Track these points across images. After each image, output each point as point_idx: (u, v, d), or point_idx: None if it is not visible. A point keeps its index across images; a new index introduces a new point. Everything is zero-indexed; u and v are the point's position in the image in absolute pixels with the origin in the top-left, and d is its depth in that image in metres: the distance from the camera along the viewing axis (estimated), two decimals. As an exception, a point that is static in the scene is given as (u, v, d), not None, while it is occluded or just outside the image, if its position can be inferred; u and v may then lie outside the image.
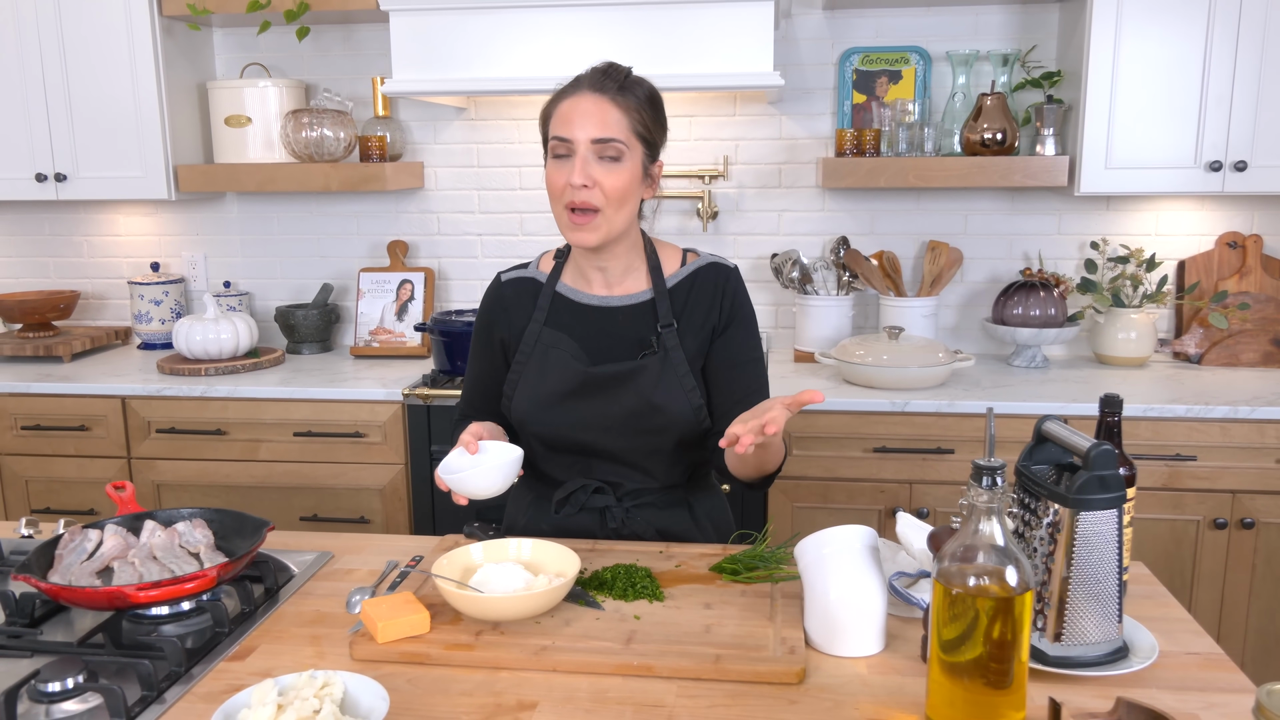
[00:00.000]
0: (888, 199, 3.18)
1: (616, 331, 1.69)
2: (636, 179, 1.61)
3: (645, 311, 1.70)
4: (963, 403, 2.61)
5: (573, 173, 1.56)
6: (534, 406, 1.68)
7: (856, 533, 1.33)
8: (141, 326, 3.35)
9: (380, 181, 3.01)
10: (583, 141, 1.56)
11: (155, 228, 3.45)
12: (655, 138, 1.64)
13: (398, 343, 3.21)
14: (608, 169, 1.57)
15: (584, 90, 1.59)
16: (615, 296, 1.71)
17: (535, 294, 1.74)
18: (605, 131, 1.56)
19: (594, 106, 1.57)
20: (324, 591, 1.53)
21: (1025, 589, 1.05)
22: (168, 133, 3.04)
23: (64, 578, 1.44)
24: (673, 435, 1.67)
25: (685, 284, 1.71)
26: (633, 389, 1.64)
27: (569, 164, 1.58)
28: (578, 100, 1.58)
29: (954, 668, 1.06)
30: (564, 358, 1.67)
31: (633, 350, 1.68)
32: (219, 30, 3.31)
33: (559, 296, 1.73)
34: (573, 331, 1.70)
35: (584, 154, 1.56)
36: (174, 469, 2.90)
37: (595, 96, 1.58)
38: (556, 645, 1.30)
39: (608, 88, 1.58)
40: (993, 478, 1.06)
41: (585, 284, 1.73)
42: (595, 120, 1.56)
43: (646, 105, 1.61)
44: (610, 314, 1.70)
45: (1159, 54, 2.70)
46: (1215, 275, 3.09)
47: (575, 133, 1.56)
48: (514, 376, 1.72)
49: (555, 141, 1.59)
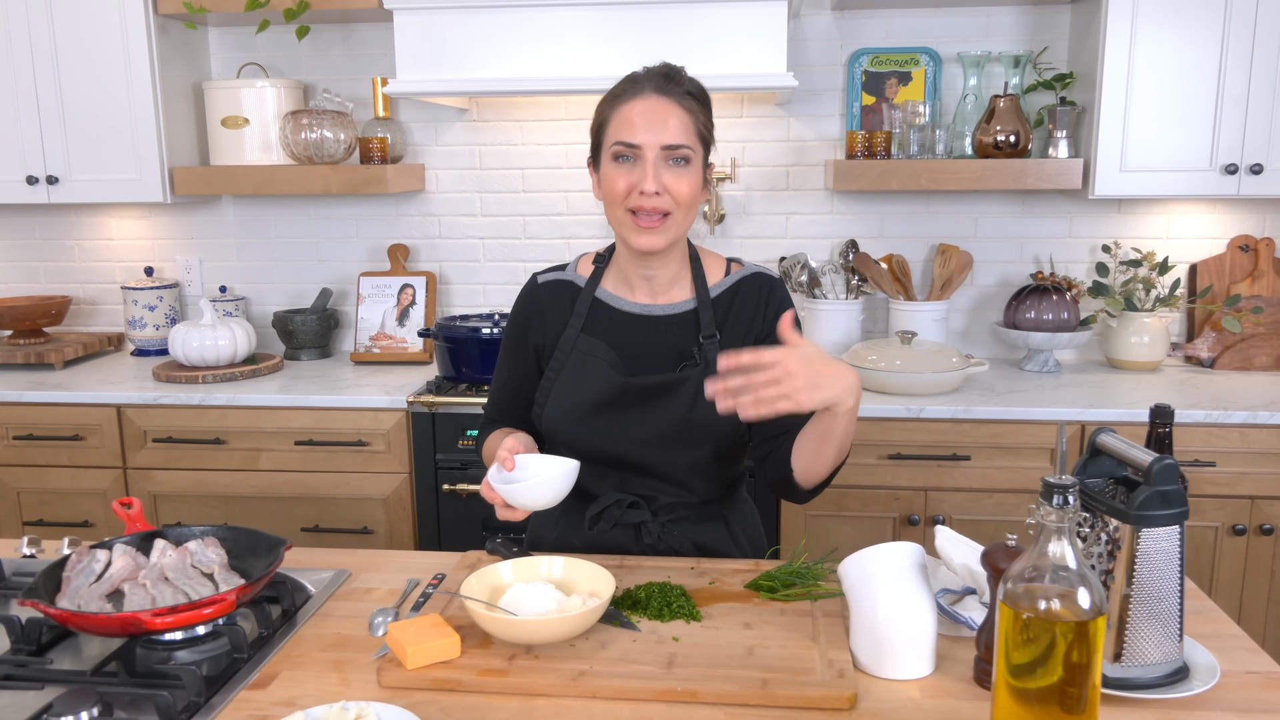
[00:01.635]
0: (897, 202, 3.14)
1: (657, 341, 1.64)
2: (700, 182, 1.58)
3: (687, 322, 1.64)
4: (979, 408, 2.57)
5: (644, 179, 1.51)
6: (567, 417, 1.62)
7: (904, 549, 1.28)
8: (135, 333, 3.27)
9: (382, 184, 2.95)
10: (652, 146, 1.51)
11: (149, 231, 3.38)
12: (712, 139, 1.61)
13: (399, 348, 3.15)
14: (677, 174, 1.53)
15: (648, 92, 1.53)
16: (658, 305, 1.66)
17: (573, 298, 1.68)
18: (675, 136, 1.52)
19: (662, 110, 1.51)
20: (343, 613, 1.47)
21: (1099, 612, 1.00)
22: (163, 134, 2.97)
23: (72, 602, 1.37)
24: (711, 450, 1.61)
25: (728, 294, 1.66)
26: (671, 402, 1.58)
27: (634, 168, 1.53)
28: (644, 103, 1.52)
29: (1024, 693, 1.01)
30: (601, 366, 1.61)
31: (672, 361, 1.62)
32: (214, 29, 3.24)
33: (598, 303, 1.67)
34: (610, 339, 1.64)
35: (654, 159, 1.51)
36: (171, 479, 2.83)
37: (661, 100, 1.52)
38: (595, 670, 1.24)
39: (673, 90, 1.53)
40: (1064, 496, 1.01)
41: (628, 291, 1.67)
42: (664, 124, 1.51)
43: (704, 106, 1.57)
44: (651, 323, 1.65)
45: (1174, 56, 2.67)
46: (1227, 279, 3.06)
47: (643, 136, 1.51)
48: (546, 384, 1.66)
49: (619, 146, 1.54)
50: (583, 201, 3.20)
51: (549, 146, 3.18)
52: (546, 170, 3.20)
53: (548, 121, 3.16)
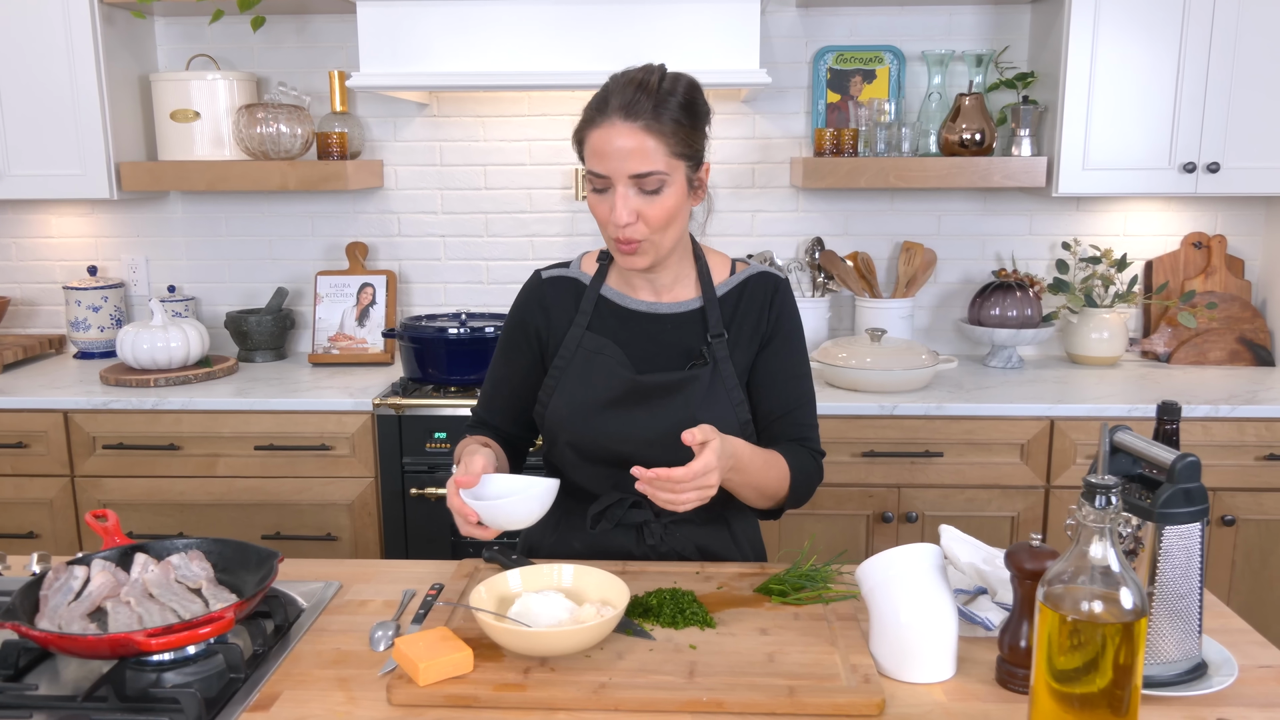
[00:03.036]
0: (861, 199, 3.14)
1: (664, 339, 1.60)
2: (681, 199, 1.50)
3: (694, 320, 1.61)
4: (951, 405, 2.59)
5: (614, 210, 1.46)
6: (573, 414, 1.58)
7: (924, 551, 1.26)
8: (78, 334, 3.14)
9: (341, 180, 2.86)
10: (620, 177, 1.45)
11: (91, 229, 3.24)
12: (698, 147, 1.51)
13: (359, 349, 3.07)
14: (649, 201, 1.47)
15: (614, 118, 1.44)
16: (664, 303, 1.62)
17: (577, 295, 1.64)
18: (643, 165, 1.44)
19: (628, 139, 1.43)
20: (340, 626, 1.41)
21: (1142, 613, 1.00)
22: (109, 128, 2.85)
23: (53, 622, 1.30)
24: None
25: (734, 293, 1.63)
26: (680, 401, 1.55)
27: (608, 197, 1.48)
28: (609, 132, 1.44)
29: (1069, 698, 1.00)
30: (609, 364, 1.57)
31: (679, 360, 1.59)
32: (161, 20, 3.12)
33: (604, 300, 1.63)
34: (617, 337, 1.60)
35: (623, 191, 1.46)
36: (122, 487, 2.71)
37: (628, 126, 1.43)
38: (615, 682, 1.21)
39: (640, 112, 1.43)
40: (1107, 496, 1.00)
41: (631, 289, 1.63)
42: (630, 155, 1.43)
43: (684, 116, 1.46)
44: (658, 321, 1.61)
45: (1134, 56, 2.71)
46: (1181, 275, 3.13)
47: (611, 166, 1.45)
48: (551, 382, 1.61)
49: (591, 176, 1.48)
50: (546, 199, 3.15)
51: (512, 143, 3.13)
52: (509, 167, 3.14)
53: (511, 117, 3.11)
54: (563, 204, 3.15)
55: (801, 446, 1.62)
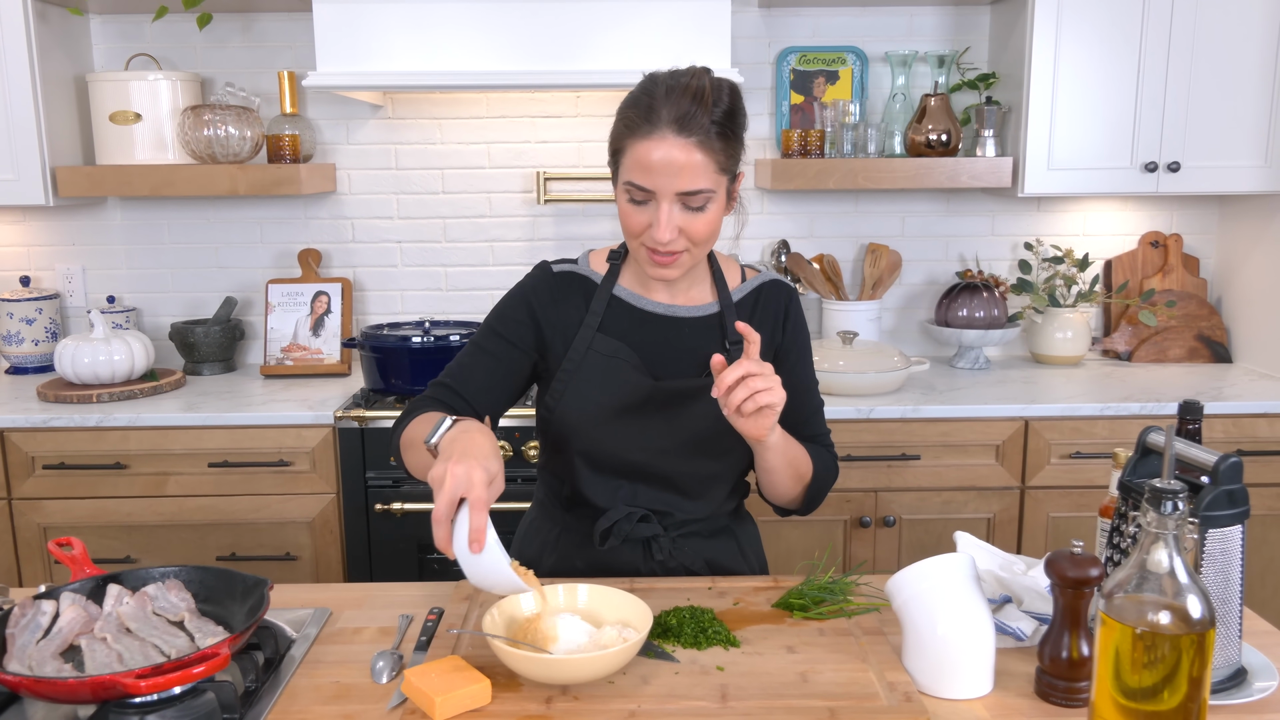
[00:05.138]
0: (826, 201, 3.12)
1: (680, 343, 1.53)
2: (721, 213, 1.44)
3: (711, 325, 1.55)
4: (927, 408, 2.56)
5: (657, 227, 1.38)
6: (586, 420, 1.49)
7: (957, 561, 1.22)
8: (11, 349, 2.96)
9: (295, 184, 2.74)
10: (667, 194, 1.37)
11: (23, 237, 3.07)
12: (739, 159, 1.44)
13: (314, 360, 2.94)
14: (693, 217, 1.39)
15: (665, 131, 1.35)
16: (681, 306, 1.55)
17: (587, 294, 1.55)
18: (693, 183, 1.36)
19: (680, 155, 1.35)
20: (336, 657, 1.31)
21: (1211, 622, 0.96)
22: (44, 130, 2.69)
23: (22, 663, 1.18)
24: (736, 461, 1.53)
25: (749, 300, 1.57)
26: (700, 408, 1.48)
27: (647, 210, 1.40)
28: (659, 145, 1.35)
29: (1137, 714, 0.96)
30: (625, 368, 1.50)
31: (694, 365, 1.52)
32: (96, 17, 2.96)
33: (617, 300, 1.55)
34: (630, 339, 1.52)
35: (667, 207, 1.38)
36: (64, 509, 2.56)
37: (681, 142, 1.35)
38: (645, 709, 1.14)
39: (695, 127, 1.35)
40: (1174, 502, 0.96)
41: (646, 290, 1.56)
42: (681, 172, 1.36)
43: (730, 129, 1.39)
44: (675, 324, 1.54)
45: (1096, 57, 2.72)
46: (1140, 274, 3.16)
47: (659, 183, 1.37)
48: (559, 386, 1.52)
49: (632, 188, 1.39)
50: (506, 203, 3.07)
51: (470, 145, 3.03)
52: (468, 170, 3.05)
53: (469, 119, 3.02)
54: (524, 208, 3.07)
55: (818, 444, 1.59)
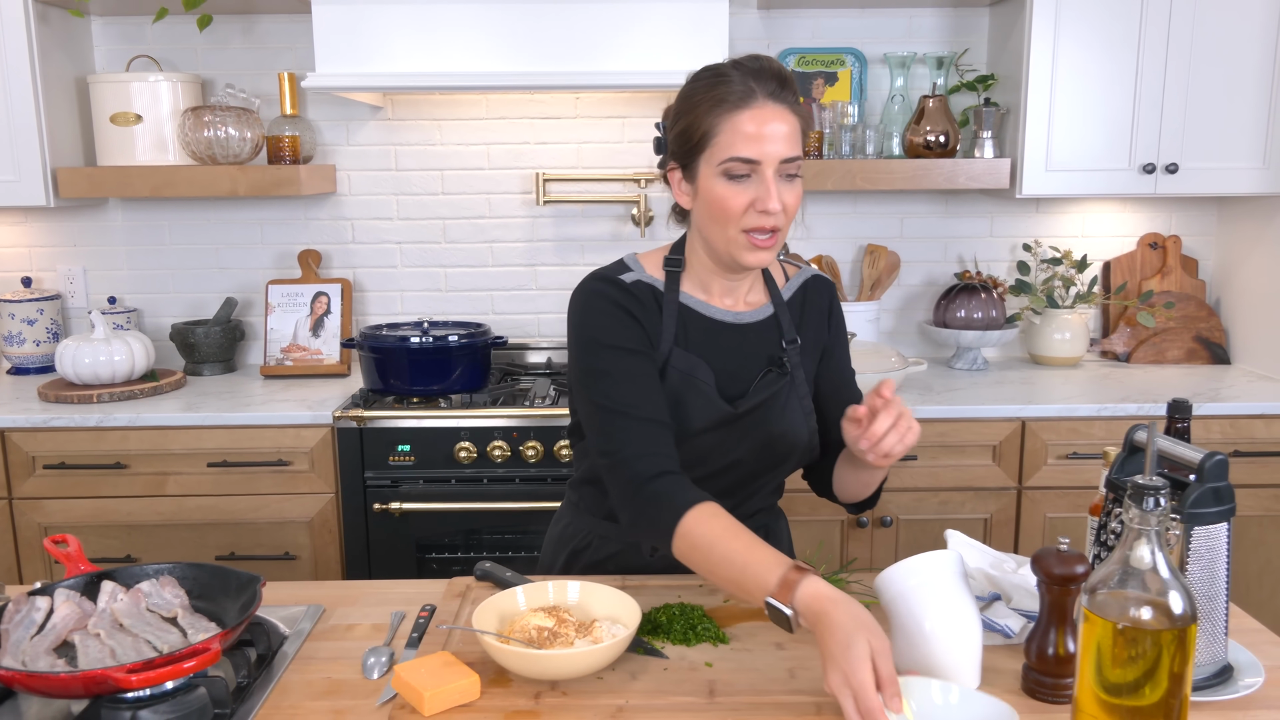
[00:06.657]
0: (824, 202, 3.13)
1: (747, 350, 1.52)
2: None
3: (770, 327, 1.54)
4: (924, 408, 2.57)
5: (768, 197, 1.36)
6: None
7: (945, 559, 1.22)
8: (12, 349, 2.98)
9: (295, 185, 2.76)
10: (771, 162, 1.36)
11: (25, 238, 3.08)
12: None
13: (314, 360, 2.96)
14: (792, 187, 1.39)
15: (764, 100, 1.35)
16: (745, 312, 1.53)
17: (657, 303, 1.49)
18: (794, 149, 1.37)
19: (781, 121, 1.35)
20: (328, 654, 1.32)
21: (1193, 618, 0.96)
22: (45, 132, 2.71)
23: (16, 659, 1.19)
24: (792, 463, 1.54)
25: (799, 297, 1.57)
26: (761, 418, 1.48)
27: (750, 185, 1.37)
28: (762, 113, 1.35)
29: (1119, 710, 0.97)
30: (704, 391, 1.47)
31: (759, 370, 1.51)
32: (98, 19, 2.98)
33: (686, 309, 1.51)
34: (704, 352, 1.49)
35: (771, 176, 1.37)
36: (65, 509, 2.57)
37: (778, 108, 1.36)
38: (633, 705, 1.14)
39: (786, 96, 1.37)
40: (1155, 498, 0.96)
41: (709, 295, 1.52)
42: (785, 138, 1.36)
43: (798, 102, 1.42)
44: (741, 332, 1.52)
45: (1094, 58, 2.73)
46: (1138, 275, 3.16)
47: (766, 151, 1.35)
48: None
49: (734, 163, 1.36)
50: (506, 204, 3.08)
51: (470, 146, 3.05)
52: (467, 171, 3.06)
53: (468, 120, 3.03)
54: (523, 209, 3.08)
55: None
